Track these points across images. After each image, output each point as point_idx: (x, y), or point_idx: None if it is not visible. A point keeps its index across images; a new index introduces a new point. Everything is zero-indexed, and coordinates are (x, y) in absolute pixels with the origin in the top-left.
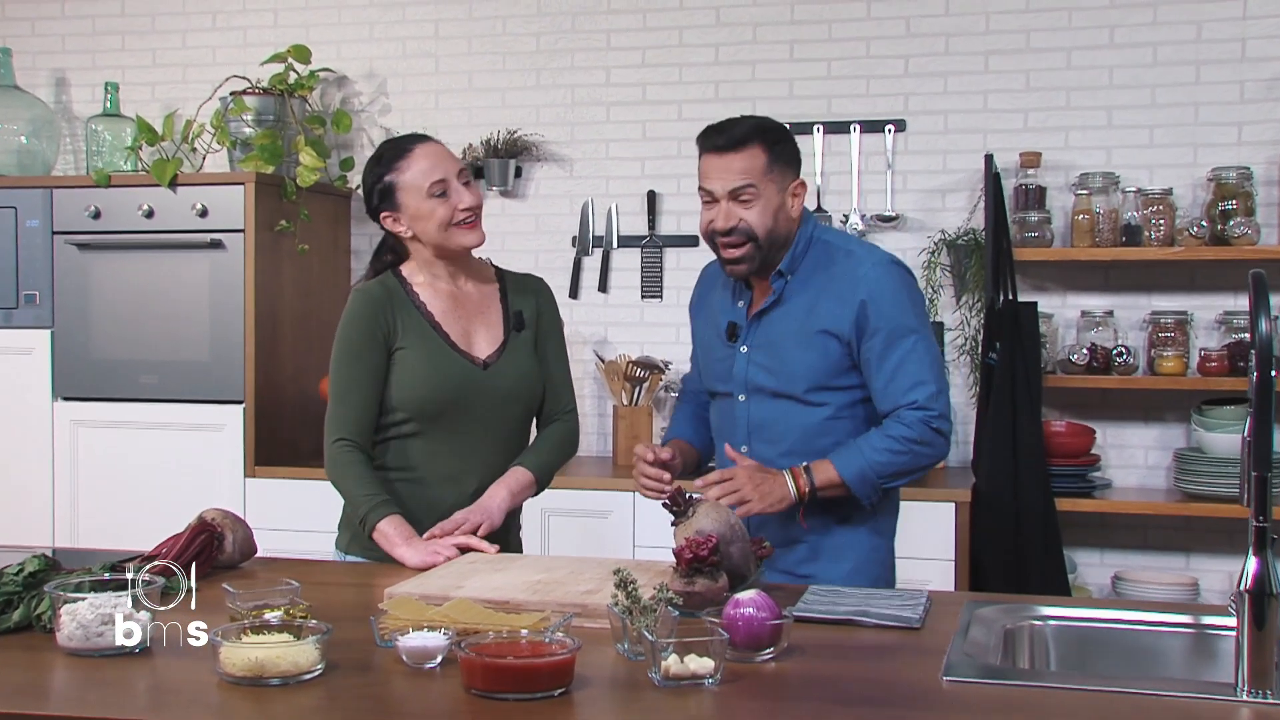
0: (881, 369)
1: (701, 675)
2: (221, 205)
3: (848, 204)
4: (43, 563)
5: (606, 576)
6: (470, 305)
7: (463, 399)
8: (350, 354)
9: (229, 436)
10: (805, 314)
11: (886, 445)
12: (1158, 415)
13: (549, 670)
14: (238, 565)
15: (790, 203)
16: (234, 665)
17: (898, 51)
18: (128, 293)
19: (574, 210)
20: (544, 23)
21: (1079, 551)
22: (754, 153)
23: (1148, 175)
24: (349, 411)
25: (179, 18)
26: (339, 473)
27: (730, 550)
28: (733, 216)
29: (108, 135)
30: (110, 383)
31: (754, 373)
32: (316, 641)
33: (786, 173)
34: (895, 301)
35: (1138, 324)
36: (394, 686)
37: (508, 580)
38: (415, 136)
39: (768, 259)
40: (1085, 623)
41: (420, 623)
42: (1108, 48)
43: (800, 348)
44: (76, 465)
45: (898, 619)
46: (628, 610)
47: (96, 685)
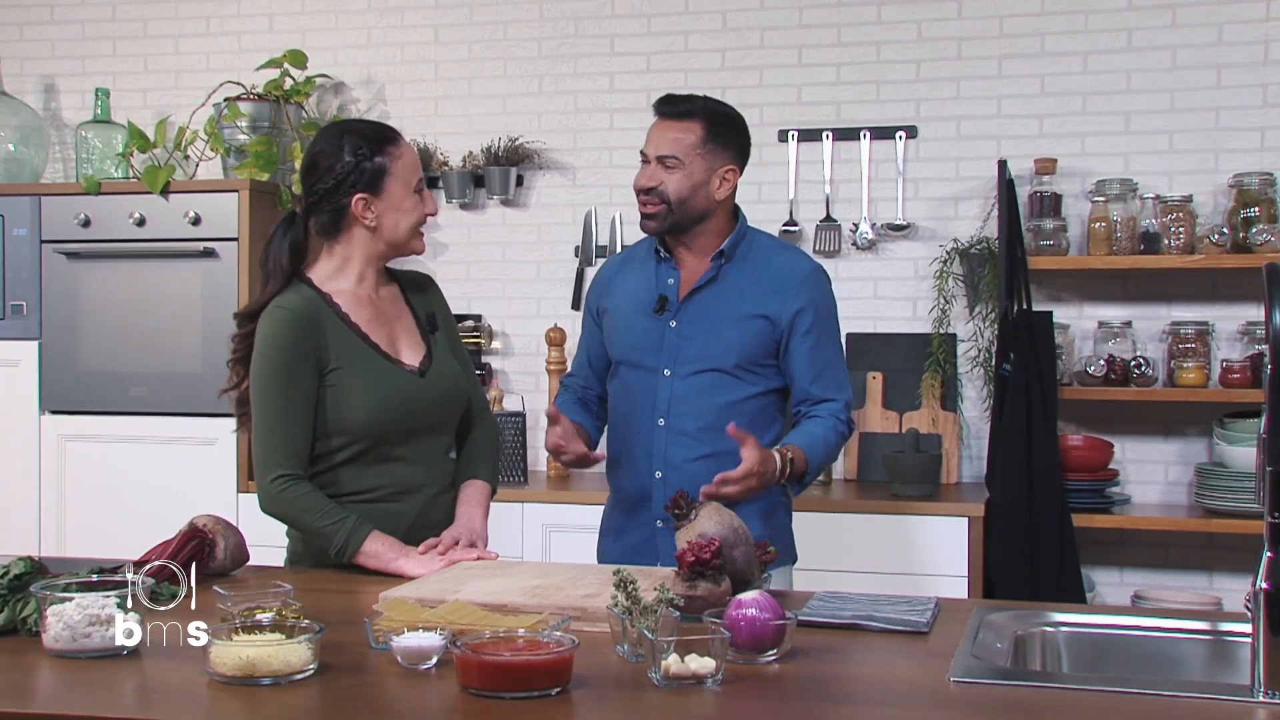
0: (813, 363)
1: (702, 675)
2: (215, 213)
3: (857, 212)
4: (28, 565)
5: (606, 582)
6: (388, 311)
7: (408, 413)
8: (281, 380)
9: (222, 451)
10: (741, 297)
11: (835, 441)
12: (1178, 429)
13: (546, 668)
14: (229, 573)
15: (716, 183)
16: (224, 665)
17: (909, 56)
18: (118, 303)
19: (576, 220)
20: (546, 27)
21: (1097, 570)
22: (691, 126)
23: (1167, 182)
24: (283, 443)
25: (172, 23)
26: (289, 509)
27: (734, 554)
28: (655, 178)
29: (98, 142)
30: (99, 395)
31: (684, 347)
32: (309, 640)
33: (720, 155)
34: (829, 307)
35: (1157, 335)
36: (388, 687)
37: (506, 585)
38: (392, 128)
39: (677, 224)
40: (1099, 629)
41: (415, 624)
42: (1125, 51)
43: (734, 327)
44: (64, 481)
45: (904, 623)
46: (628, 611)
47: (83, 685)
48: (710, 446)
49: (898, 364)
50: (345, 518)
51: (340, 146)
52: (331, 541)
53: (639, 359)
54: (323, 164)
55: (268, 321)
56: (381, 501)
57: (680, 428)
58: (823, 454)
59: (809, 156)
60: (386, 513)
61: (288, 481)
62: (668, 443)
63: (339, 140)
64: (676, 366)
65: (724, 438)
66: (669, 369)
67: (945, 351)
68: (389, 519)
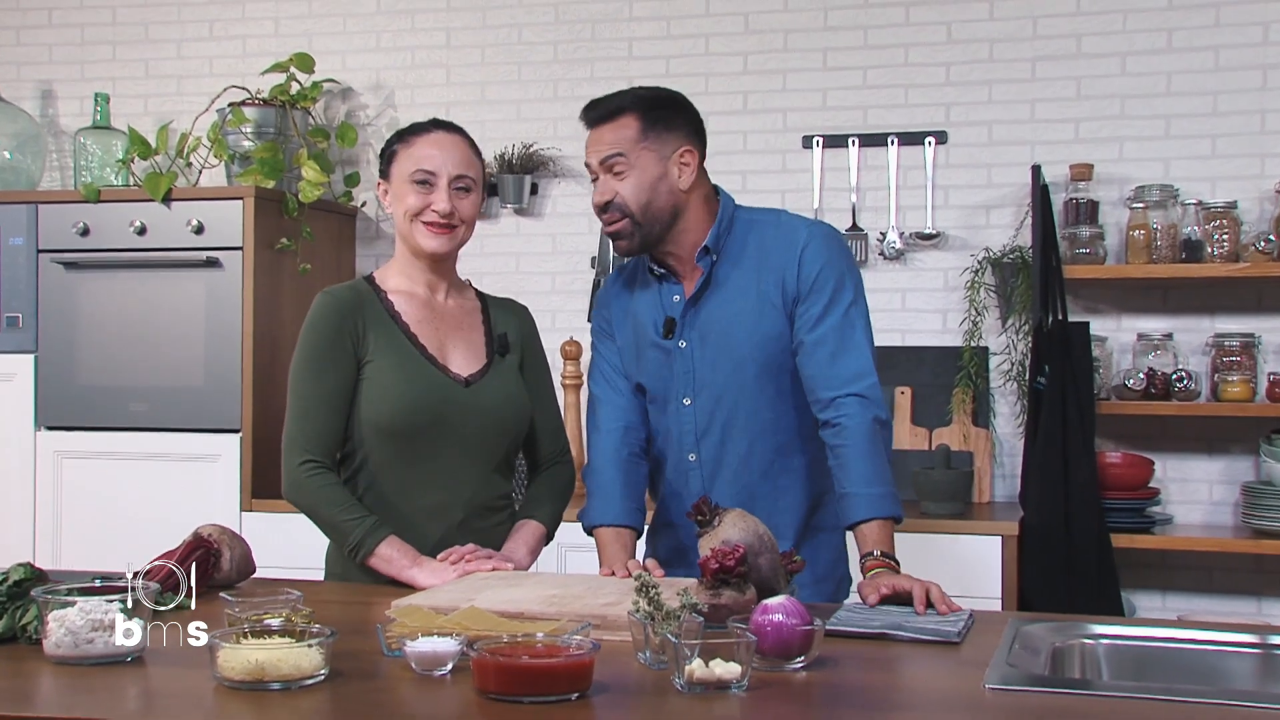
0: (819, 347)
1: (727, 680)
2: (219, 222)
3: (885, 221)
4: (28, 571)
5: (626, 592)
6: (448, 319)
7: (442, 418)
8: (314, 365)
9: (225, 468)
10: (743, 292)
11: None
12: (1222, 446)
13: (566, 671)
14: (235, 584)
15: (675, 172)
16: (232, 669)
17: (938, 59)
18: (117, 314)
19: (593, 229)
20: (562, 31)
21: (1138, 593)
22: (625, 122)
23: (1209, 188)
24: (314, 429)
25: (174, 26)
26: (312, 498)
27: (759, 562)
28: (607, 190)
29: (97, 149)
30: (98, 411)
31: (698, 367)
32: (320, 645)
33: (666, 140)
34: (846, 268)
35: (1199, 348)
36: (402, 692)
37: (522, 594)
38: (444, 123)
39: (650, 234)
40: (1140, 641)
41: (430, 629)
42: (1165, 52)
43: (744, 330)
44: (60, 499)
45: (936, 633)
46: (650, 617)
47: (86, 691)
48: (748, 488)
49: (927, 378)
50: (365, 517)
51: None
52: (347, 539)
53: (656, 391)
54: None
55: (312, 307)
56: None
57: (713, 458)
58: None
59: (834, 163)
60: (407, 535)
61: (314, 468)
62: (703, 483)
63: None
64: (695, 392)
65: (762, 475)
66: (688, 397)
67: (977, 365)
68: (412, 544)
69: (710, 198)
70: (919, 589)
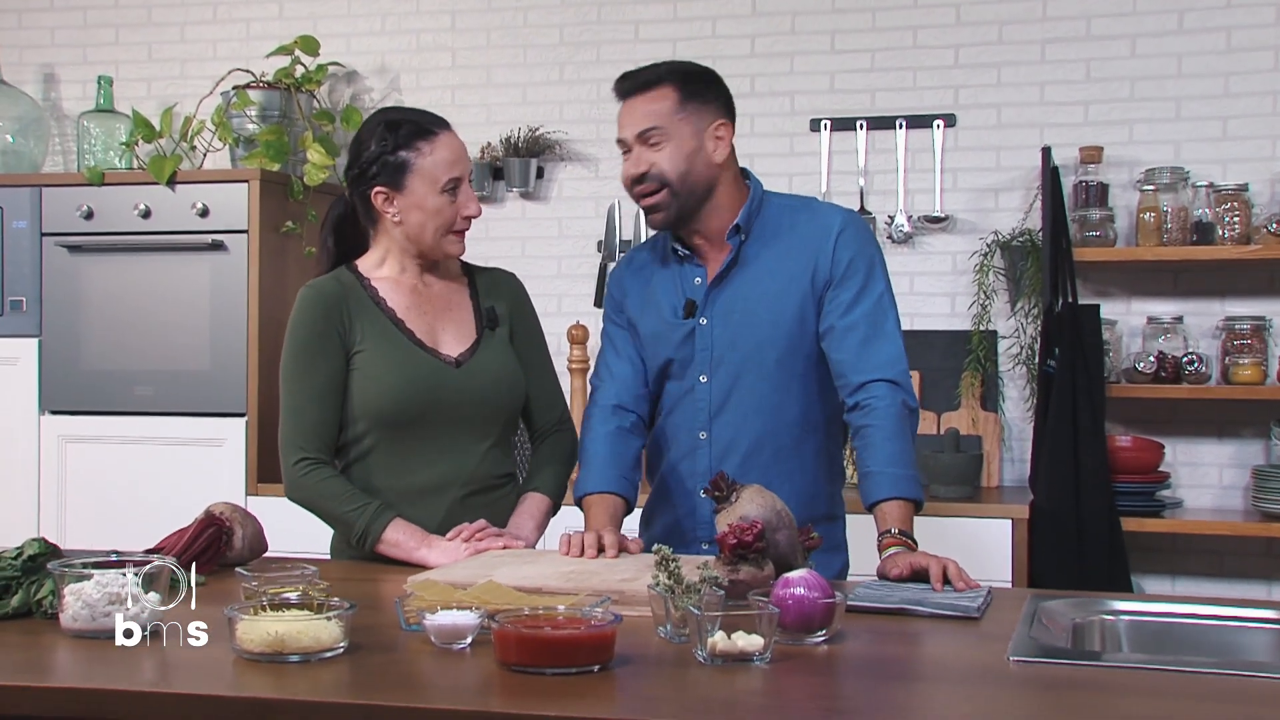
0: (850, 332)
1: (749, 653)
2: (223, 205)
3: (893, 204)
4: (42, 546)
5: (643, 568)
6: (435, 302)
7: (435, 402)
8: (304, 361)
9: (230, 452)
10: (769, 275)
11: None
12: (1232, 429)
13: (589, 642)
14: (247, 563)
15: (711, 145)
16: (252, 641)
17: (947, 41)
18: (122, 298)
19: (599, 213)
20: (568, 13)
21: (1147, 578)
22: (662, 93)
23: (1220, 170)
24: (308, 426)
25: (177, 9)
26: (311, 494)
27: (776, 538)
28: (643, 162)
29: (99, 133)
30: (102, 395)
31: (717, 345)
32: (339, 617)
33: (703, 113)
34: (876, 259)
35: (1209, 331)
36: (422, 664)
37: (538, 570)
38: (438, 119)
39: (686, 206)
40: (1161, 618)
41: (449, 603)
42: (1176, 34)
43: (768, 311)
44: (64, 484)
45: (955, 609)
46: (670, 590)
47: (104, 662)
48: (758, 470)
49: (936, 362)
50: (367, 504)
51: (372, 135)
52: (353, 529)
53: (674, 368)
54: (355, 150)
55: (296, 302)
56: (404, 503)
57: (723, 438)
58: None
59: (842, 146)
60: (410, 516)
61: (310, 465)
62: (711, 461)
63: (374, 128)
64: (712, 370)
65: (773, 458)
66: (705, 374)
67: (985, 349)
68: (414, 522)
69: (739, 178)
70: (936, 566)
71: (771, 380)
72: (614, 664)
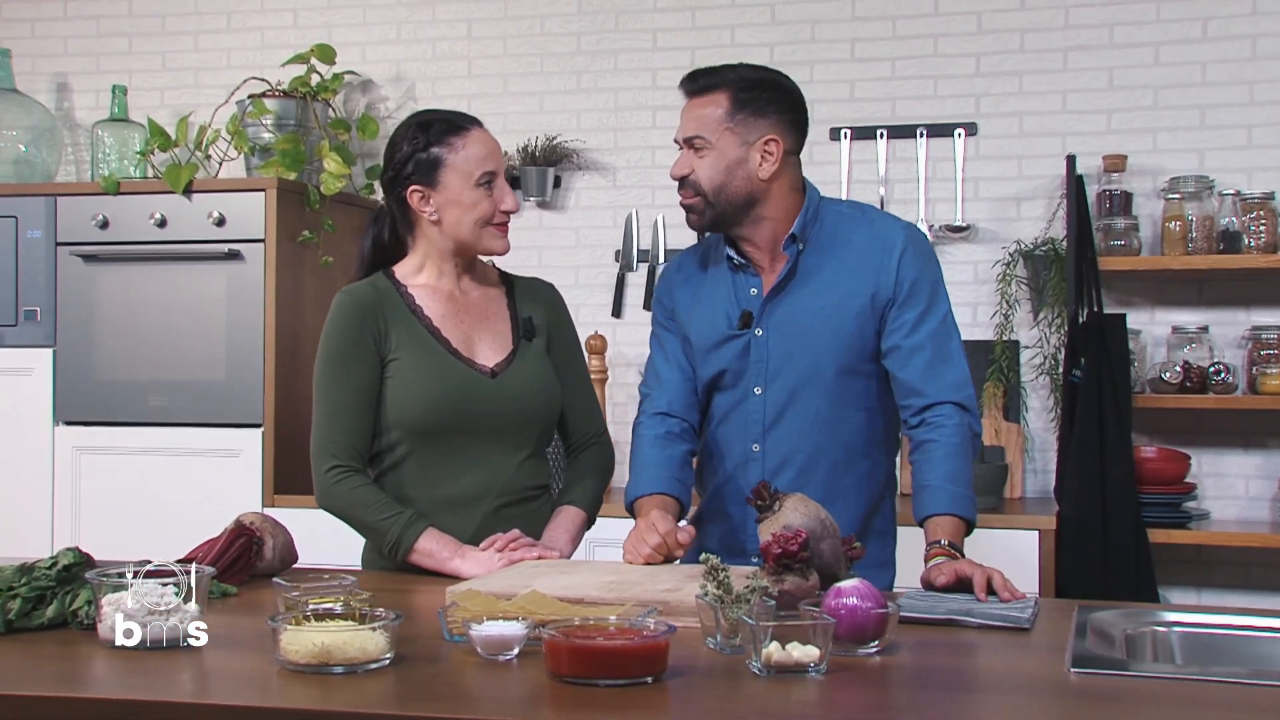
0: (919, 350)
1: (805, 664)
2: (240, 214)
3: (914, 214)
4: (76, 556)
5: (684, 579)
6: (472, 310)
7: (470, 412)
8: (337, 368)
9: (246, 463)
10: (829, 286)
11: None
12: (1259, 440)
13: (642, 654)
14: (277, 573)
15: (756, 159)
16: (297, 652)
17: (968, 49)
18: (137, 308)
19: (617, 222)
20: (585, 21)
21: (1173, 590)
22: (715, 100)
23: (1245, 179)
24: (341, 433)
25: (191, 18)
26: (343, 502)
27: (821, 547)
28: (686, 165)
29: (113, 142)
30: (117, 405)
31: (773, 357)
32: (384, 628)
33: (753, 125)
34: (937, 278)
35: (1235, 341)
36: (469, 676)
37: (578, 580)
38: (469, 117)
39: (721, 216)
40: (1214, 629)
41: (494, 613)
42: (1200, 41)
43: (827, 323)
44: (79, 495)
45: (1005, 619)
46: (719, 600)
47: (144, 674)
48: (813, 486)
49: None
50: (400, 513)
51: (405, 136)
52: (385, 538)
53: (727, 380)
54: (389, 154)
55: (332, 308)
56: (437, 514)
57: (778, 454)
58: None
59: (863, 156)
60: (442, 528)
61: (343, 473)
62: (764, 475)
63: (405, 130)
64: (767, 382)
65: (828, 473)
66: (759, 386)
67: (1008, 359)
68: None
69: (796, 189)
70: (981, 575)
71: (829, 395)
72: (666, 675)
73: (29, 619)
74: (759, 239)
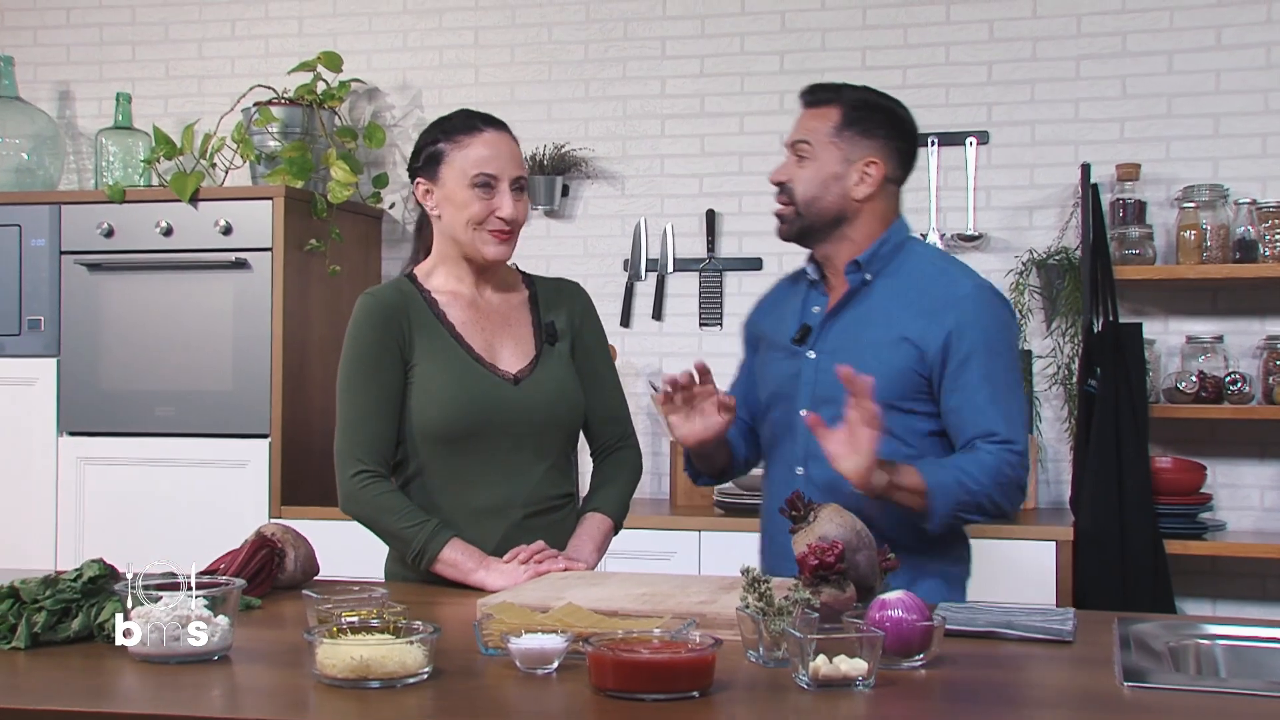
0: (973, 398)
1: (853, 677)
2: (247, 222)
3: (925, 223)
4: (102, 568)
5: (717, 590)
6: (494, 316)
7: (494, 420)
8: (363, 372)
9: (254, 473)
10: (886, 320)
11: (975, 470)
12: (1275, 450)
13: (689, 667)
14: (300, 585)
15: (853, 178)
16: (334, 666)
17: (980, 58)
18: (143, 317)
19: (626, 231)
20: (593, 30)
21: (1188, 602)
22: (827, 113)
23: (1260, 188)
24: (366, 438)
25: (195, 26)
26: (370, 509)
27: (856, 559)
28: (785, 173)
29: (117, 150)
30: (122, 416)
31: (821, 381)
32: (422, 641)
33: (859, 144)
34: (997, 332)
35: (1249, 350)
36: (509, 690)
37: (610, 592)
38: (493, 120)
39: (809, 228)
40: (1257, 642)
41: (532, 626)
42: (1214, 50)
43: (876, 355)
44: (83, 506)
45: (1048, 631)
46: (762, 612)
47: (176, 688)
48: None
49: None
50: (426, 521)
51: (430, 127)
52: (409, 546)
53: (778, 399)
54: (416, 144)
55: (355, 311)
56: (464, 523)
57: (821, 481)
58: (951, 475)
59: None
60: (466, 538)
61: (368, 478)
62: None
63: (433, 123)
64: (815, 406)
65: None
66: (806, 409)
67: (1022, 369)
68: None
69: (887, 219)
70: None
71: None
72: (713, 690)
73: (54, 632)
74: (839, 259)
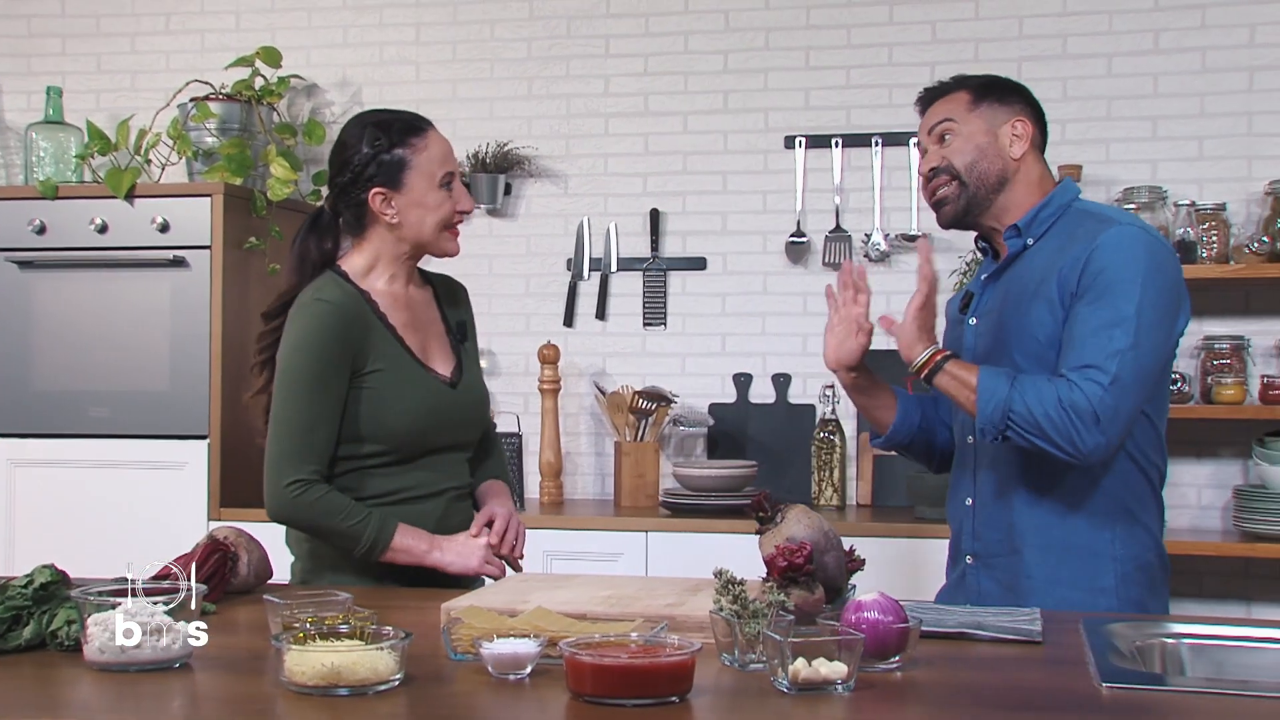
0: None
1: (833, 680)
2: (185, 220)
3: (869, 223)
4: (53, 574)
5: (683, 592)
6: (420, 316)
7: (440, 424)
8: (313, 379)
9: (191, 475)
10: (1038, 278)
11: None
12: (1210, 450)
13: (669, 672)
14: (253, 589)
15: (1006, 139)
16: (304, 674)
17: (922, 59)
18: (76, 316)
19: (569, 231)
20: (536, 27)
21: None
22: (957, 96)
23: (1197, 190)
24: (311, 446)
25: (128, 19)
26: (309, 514)
27: (825, 560)
28: (935, 157)
29: (48, 145)
30: (55, 417)
31: (980, 348)
32: (393, 647)
33: (999, 110)
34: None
35: (1188, 350)
36: (484, 697)
37: (575, 595)
38: (422, 117)
39: (975, 198)
40: (1219, 640)
41: (503, 631)
42: (1152, 53)
43: (1015, 319)
44: (14, 510)
45: (1017, 632)
46: (736, 615)
47: (134, 697)
48: (1019, 477)
49: None
50: (369, 515)
51: (360, 137)
52: (359, 541)
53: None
54: (342, 156)
55: (306, 314)
56: (405, 503)
57: (990, 454)
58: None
59: (818, 164)
60: (411, 513)
61: (304, 486)
62: (977, 464)
63: (360, 131)
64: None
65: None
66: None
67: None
68: (413, 520)
69: (1044, 180)
70: None
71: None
72: (691, 694)
73: (5, 640)
74: (1001, 226)
